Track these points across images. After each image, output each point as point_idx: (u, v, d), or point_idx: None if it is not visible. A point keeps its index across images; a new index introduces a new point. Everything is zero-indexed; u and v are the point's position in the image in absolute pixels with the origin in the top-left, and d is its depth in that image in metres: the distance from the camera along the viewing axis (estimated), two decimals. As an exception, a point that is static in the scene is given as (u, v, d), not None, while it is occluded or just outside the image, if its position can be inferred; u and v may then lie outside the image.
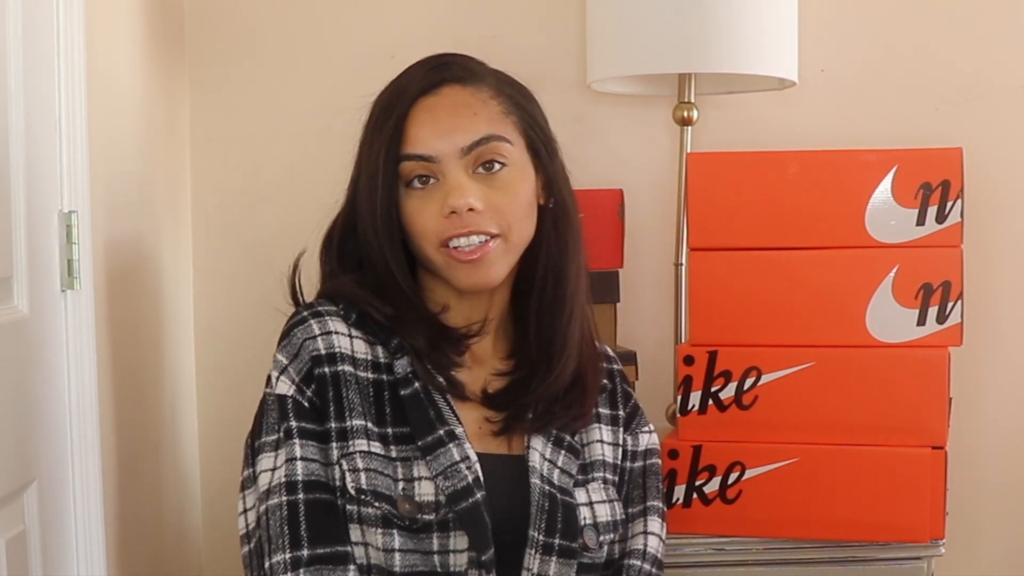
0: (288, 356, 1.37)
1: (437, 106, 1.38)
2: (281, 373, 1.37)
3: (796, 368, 1.72)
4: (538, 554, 1.34)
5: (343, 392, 1.35)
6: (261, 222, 2.19)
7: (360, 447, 1.33)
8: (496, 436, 1.41)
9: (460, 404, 1.40)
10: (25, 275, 1.51)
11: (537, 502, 1.36)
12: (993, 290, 2.18)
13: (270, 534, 1.31)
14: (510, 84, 1.45)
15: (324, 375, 1.35)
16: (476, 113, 1.38)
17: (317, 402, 1.35)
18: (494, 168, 1.38)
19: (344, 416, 1.34)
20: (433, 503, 1.32)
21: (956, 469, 1.78)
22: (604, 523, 1.42)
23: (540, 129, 1.45)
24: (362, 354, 1.38)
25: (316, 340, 1.36)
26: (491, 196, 1.37)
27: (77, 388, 1.61)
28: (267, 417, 1.36)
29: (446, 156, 1.37)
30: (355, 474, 1.32)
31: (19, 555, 1.47)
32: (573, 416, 1.44)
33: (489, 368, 1.45)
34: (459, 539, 1.32)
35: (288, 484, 1.32)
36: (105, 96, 1.75)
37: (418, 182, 1.38)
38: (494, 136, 1.38)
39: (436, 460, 1.34)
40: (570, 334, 1.43)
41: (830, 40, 2.18)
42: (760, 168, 1.74)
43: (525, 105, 1.44)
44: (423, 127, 1.37)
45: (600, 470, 1.45)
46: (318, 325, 1.37)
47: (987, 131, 2.18)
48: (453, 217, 1.36)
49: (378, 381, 1.38)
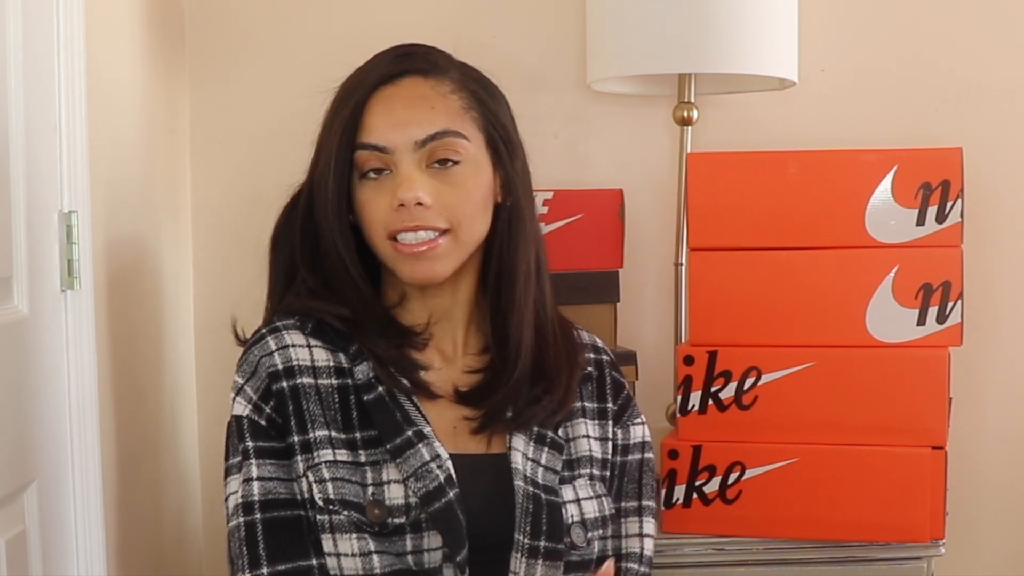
0: (244, 376, 1.37)
1: (395, 97, 1.38)
2: (237, 394, 1.37)
3: (796, 368, 1.72)
4: (524, 557, 1.33)
5: (304, 405, 1.34)
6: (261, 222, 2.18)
7: (325, 457, 1.32)
8: (474, 435, 1.40)
9: (431, 404, 1.39)
10: (25, 275, 1.51)
11: (521, 504, 1.34)
12: (993, 290, 2.18)
13: (232, 555, 1.32)
14: (475, 79, 1.43)
15: (283, 390, 1.35)
16: (434, 107, 1.37)
17: (277, 419, 1.34)
18: (448, 164, 1.37)
19: (307, 428, 1.33)
20: (403, 506, 1.31)
21: (956, 469, 1.78)
22: (592, 520, 1.40)
23: (502, 127, 1.43)
24: (323, 361, 1.37)
25: (273, 356, 1.36)
26: (442, 192, 1.36)
27: (77, 388, 1.61)
28: (231, 440, 1.37)
29: (400, 148, 1.36)
30: (322, 484, 1.31)
31: (19, 555, 1.47)
32: (550, 410, 1.42)
33: (460, 366, 1.44)
34: (432, 539, 1.31)
35: (245, 505, 1.32)
36: (105, 96, 1.75)
37: (372, 173, 1.37)
38: (450, 131, 1.37)
39: (406, 462, 1.32)
40: (521, 334, 1.42)
41: (830, 40, 2.18)
42: (760, 168, 1.74)
43: (488, 101, 1.42)
44: (379, 116, 1.37)
45: (587, 466, 1.44)
46: (275, 341, 1.37)
47: (987, 131, 2.18)
48: (402, 210, 1.35)
49: (343, 386, 1.37)
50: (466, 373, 1.43)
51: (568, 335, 1.48)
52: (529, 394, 1.41)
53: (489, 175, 1.41)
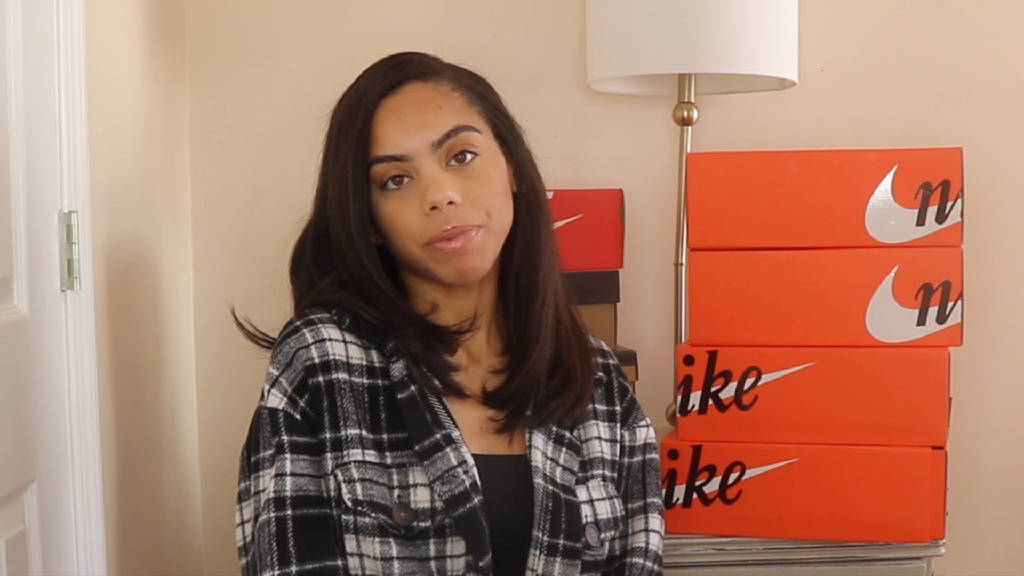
0: (280, 367, 1.36)
1: (401, 105, 1.38)
2: (272, 386, 1.36)
3: (796, 368, 1.72)
4: (543, 555, 1.34)
5: (338, 401, 1.34)
6: (261, 222, 2.19)
7: (355, 457, 1.32)
8: (499, 434, 1.40)
9: (460, 405, 1.39)
10: (25, 275, 1.51)
11: (541, 502, 1.35)
12: (993, 290, 2.18)
13: (260, 551, 1.31)
14: (468, 75, 1.44)
15: (318, 384, 1.34)
16: (441, 107, 1.38)
17: (311, 413, 1.34)
18: (467, 159, 1.38)
19: (339, 426, 1.33)
20: (429, 510, 1.31)
21: (956, 469, 1.78)
22: (605, 520, 1.41)
23: (504, 116, 1.44)
24: (357, 359, 1.37)
25: (310, 349, 1.35)
26: (468, 187, 1.36)
27: (77, 388, 1.61)
28: (261, 431, 1.35)
29: (418, 153, 1.36)
30: (351, 485, 1.31)
31: (19, 555, 1.47)
32: (569, 404, 1.43)
33: (485, 366, 1.45)
34: (456, 544, 1.31)
35: (277, 500, 1.31)
36: (105, 96, 1.75)
37: (392, 183, 1.37)
38: (462, 127, 1.38)
39: (433, 465, 1.33)
40: (544, 318, 1.43)
41: (830, 40, 2.18)
42: (760, 168, 1.74)
43: (486, 94, 1.44)
44: (390, 127, 1.37)
45: (599, 467, 1.45)
46: (311, 334, 1.37)
47: (987, 131, 2.18)
48: (434, 213, 1.35)
49: (373, 386, 1.37)
50: (491, 373, 1.44)
51: (580, 331, 1.50)
52: (549, 384, 1.42)
53: (504, 164, 1.42)
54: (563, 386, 1.43)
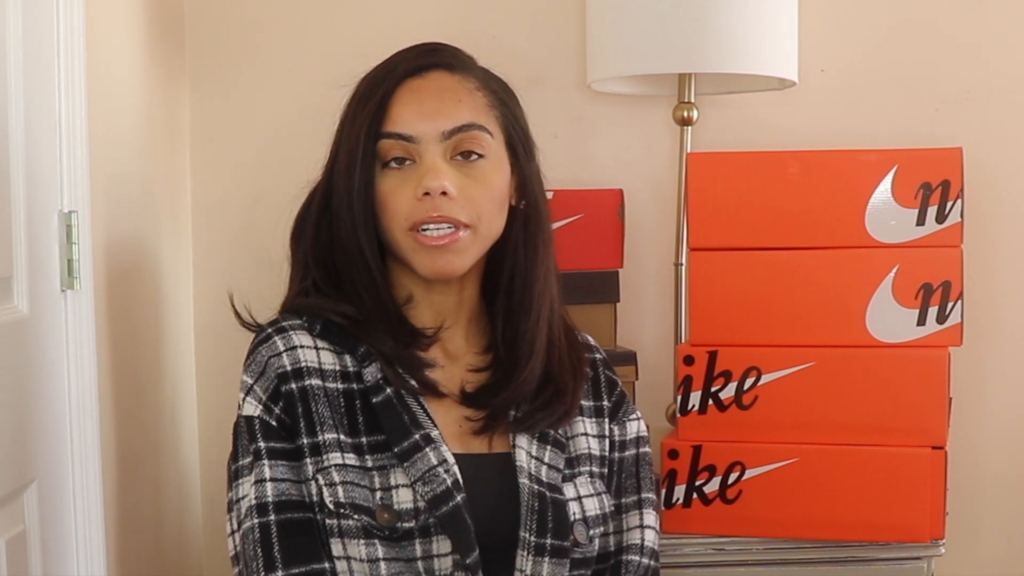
0: (253, 375, 1.37)
1: (423, 88, 1.38)
2: (247, 394, 1.36)
3: (796, 368, 1.72)
4: (530, 555, 1.33)
5: (312, 407, 1.34)
6: (261, 222, 2.19)
7: (335, 460, 1.32)
8: (477, 435, 1.40)
9: (437, 404, 1.39)
10: (25, 275, 1.51)
11: (527, 502, 1.35)
12: (993, 290, 2.18)
13: (246, 558, 1.31)
14: (496, 80, 1.45)
15: (292, 391, 1.34)
16: (461, 100, 1.38)
17: (287, 419, 1.34)
18: (472, 158, 1.38)
19: (315, 431, 1.33)
20: (412, 510, 1.31)
21: (956, 469, 1.78)
22: (593, 517, 1.41)
23: (521, 129, 1.44)
24: (329, 365, 1.37)
25: (281, 357, 1.36)
26: (466, 185, 1.37)
27: (77, 388, 1.61)
28: (240, 440, 1.36)
29: (426, 138, 1.36)
30: (332, 488, 1.31)
31: (19, 555, 1.47)
32: (555, 417, 1.42)
33: (464, 364, 1.44)
34: (442, 544, 1.31)
35: (259, 506, 1.31)
36: (105, 96, 1.75)
37: (395, 163, 1.37)
38: (476, 125, 1.38)
39: (413, 466, 1.32)
40: (537, 336, 1.42)
41: (830, 40, 2.18)
42: (760, 168, 1.74)
43: (508, 103, 1.44)
44: (407, 107, 1.37)
45: (586, 464, 1.44)
46: (283, 341, 1.37)
47: (987, 131, 2.18)
48: (426, 199, 1.35)
49: (348, 391, 1.36)
50: (470, 372, 1.43)
51: (572, 339, 1.49)
52: (536, 398, 1.42)
53: (507, 174, 1.42)
54: (553, 400, 1.43)
